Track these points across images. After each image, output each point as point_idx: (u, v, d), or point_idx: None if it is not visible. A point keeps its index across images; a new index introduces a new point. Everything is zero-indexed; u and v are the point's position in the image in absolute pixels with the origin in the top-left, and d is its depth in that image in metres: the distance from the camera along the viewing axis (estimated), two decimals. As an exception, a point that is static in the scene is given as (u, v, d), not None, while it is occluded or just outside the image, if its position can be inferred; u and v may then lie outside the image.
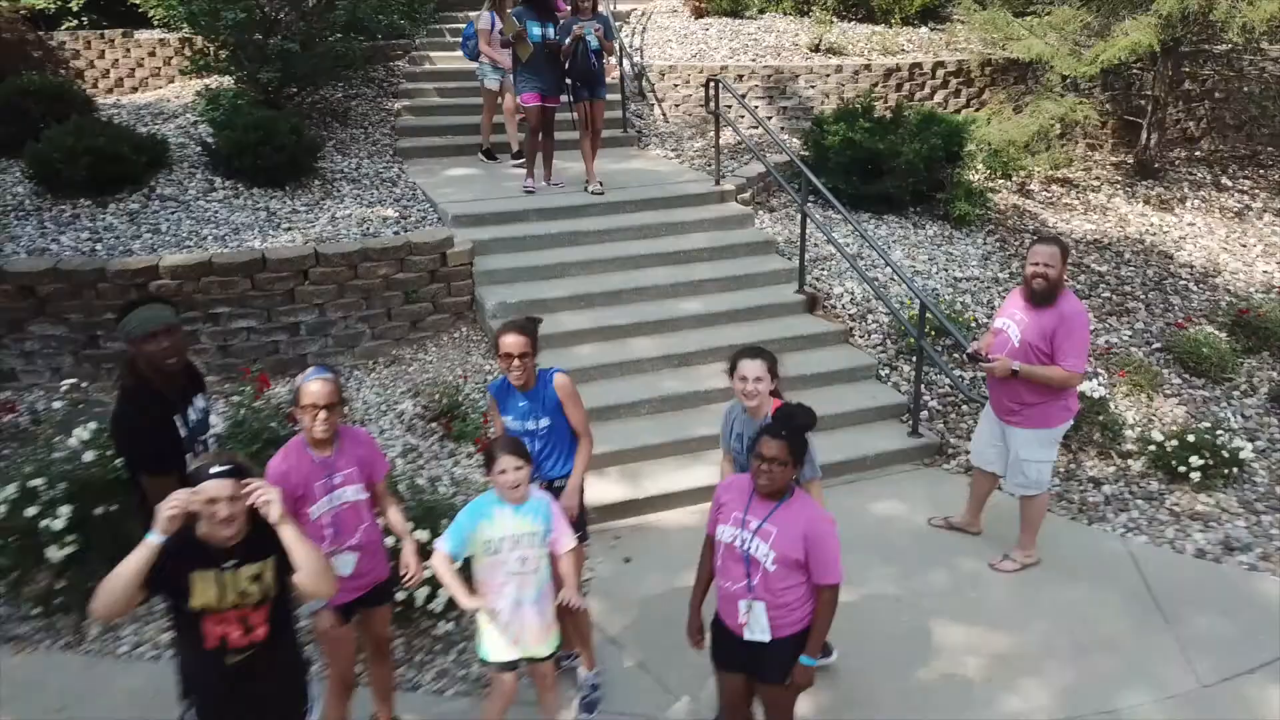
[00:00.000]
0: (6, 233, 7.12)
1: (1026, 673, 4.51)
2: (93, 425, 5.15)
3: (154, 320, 3.56)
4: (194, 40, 10.93)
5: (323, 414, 3.51)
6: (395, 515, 3.93)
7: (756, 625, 3.39)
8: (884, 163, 8.83)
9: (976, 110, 10.96)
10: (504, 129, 9.61)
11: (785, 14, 12.73)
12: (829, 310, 7.50)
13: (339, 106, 10.38)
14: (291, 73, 9.25)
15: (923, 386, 6.54)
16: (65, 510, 4.69)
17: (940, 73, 11.06)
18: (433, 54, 11.39)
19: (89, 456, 4.97)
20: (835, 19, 12.22)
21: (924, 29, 12.40)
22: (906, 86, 10.91)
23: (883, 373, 6.96)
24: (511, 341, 3.96)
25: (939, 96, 11.05)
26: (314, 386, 3.53)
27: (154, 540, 2.77)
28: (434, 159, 9.52)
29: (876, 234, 8.59)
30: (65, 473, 4.89)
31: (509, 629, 3.65)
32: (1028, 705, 4.32)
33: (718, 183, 8.67)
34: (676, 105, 11.03)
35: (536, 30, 8.01)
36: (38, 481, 4.81)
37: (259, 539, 2.98)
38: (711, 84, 8.73)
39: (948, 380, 6.90)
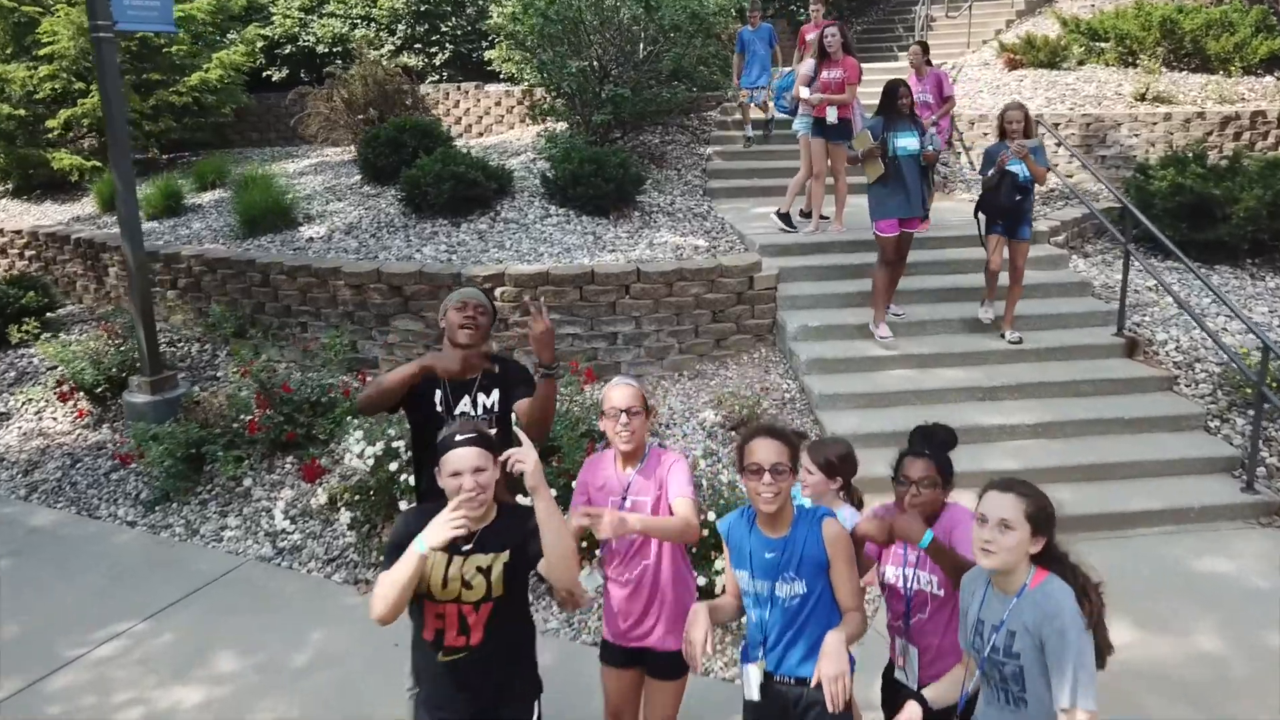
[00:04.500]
0: (380, 243, 8.33)
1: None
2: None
3: (466, 294, 3.71)
4: (533, 92, 12.24)
5: (623, 418, 3.22)
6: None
7: (910, 669, 3.18)
8: (1218, 209, 8.25)
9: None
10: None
11: (1108, 65, 12.23)
12: (1150, 356, 7.09)
13: (656, 150, 11.18)
14: (620, 116, 10.12)
15: (1261, 440, 6.02)
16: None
17: (1289, 122, 10.16)
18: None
19: (444, 424, 5.70)
20: (1164, 69, 11.59)
21: (1268, 78, 11.45)
22: (1247, 136, 10.11)
23: (1212, 424, 6.46)
24: (764, 448, 2.87)
25: (1286, 147, 10.15)
26: (617, 392, 3.27)
27: (422, 551, 2.62)
28: (741, 199, 10.00)
29: (1203, 284, 8.00)
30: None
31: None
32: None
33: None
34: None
35: (903, 144, 6.67)
36: (399, 443, 5.56)
37: (501, 531, 2.79)
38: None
39: (1291, 437, 6.30)
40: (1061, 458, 6.09)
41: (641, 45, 10.53)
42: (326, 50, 13.88)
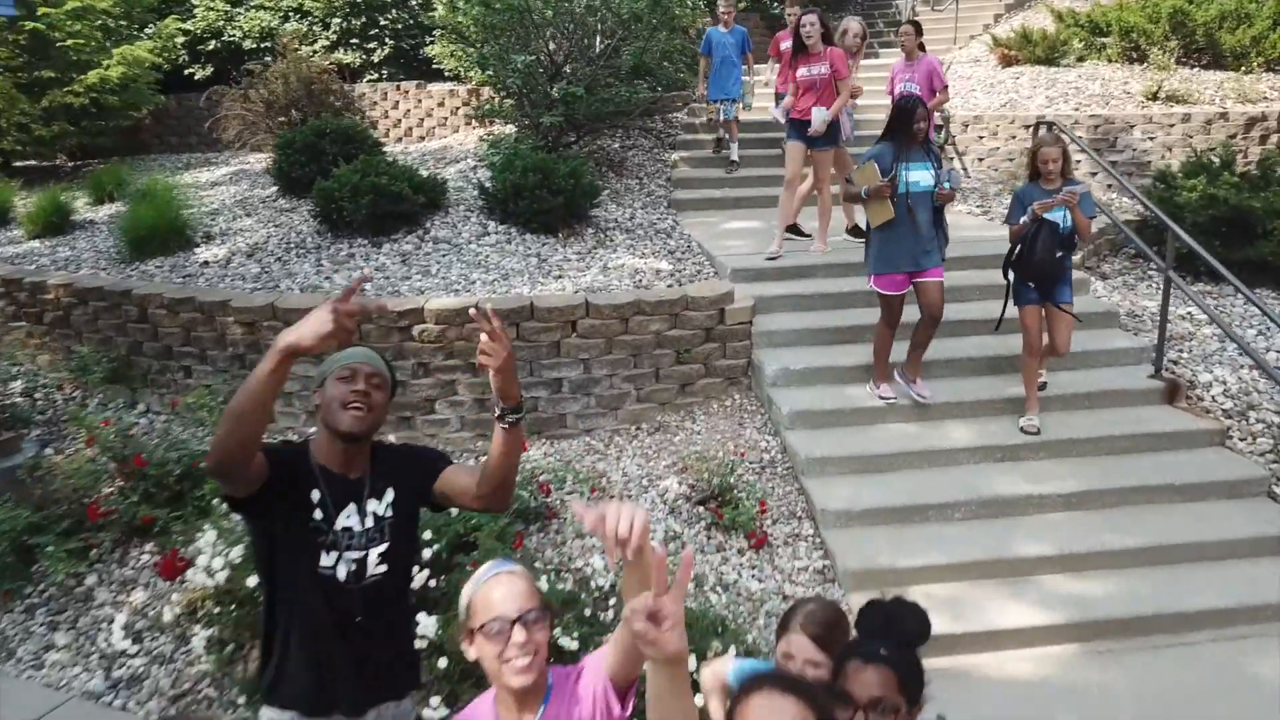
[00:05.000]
0: (286, 268, 7.07)
1: None
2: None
3: (355, 357, 2.53)
4: (480, 92, 11.02)
5: (517, 633, 1.98)
6: None
7: None
8: (1257, 224, 7.18)
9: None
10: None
11: (1110, 61, 11.17)
12: (1194, 402, 5.97)
13: (615, 156, 9.99)
14: (574, 117, 8.91)
15: (1343, 514, 4.92)
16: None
17: (1319, 123, 9.11)
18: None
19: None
20: (1175, 65, 10.53)
21: (1289, 75, 10.43)
22: (1274, 139, 9.06)
23: (1278, 489, 5.34)
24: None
25: (1317, 151, 9.09)
26: (500, 590, 2.03)
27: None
28: (710, 211, 8.84)
29: (1248, 311, 6.93)
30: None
31: None
32: None
33: (1042, 243, 7.36)
34: (981, 159, 9.79)
35: (916, 178, 5.34)
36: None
37: None
38: (1042, 128, 7.44)
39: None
40: (1102, 538, 4.94)
41: (599, 38, 9.34)
42: (254, 46, 12.57)
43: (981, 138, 9.83)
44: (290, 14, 12.65)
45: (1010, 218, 5.46)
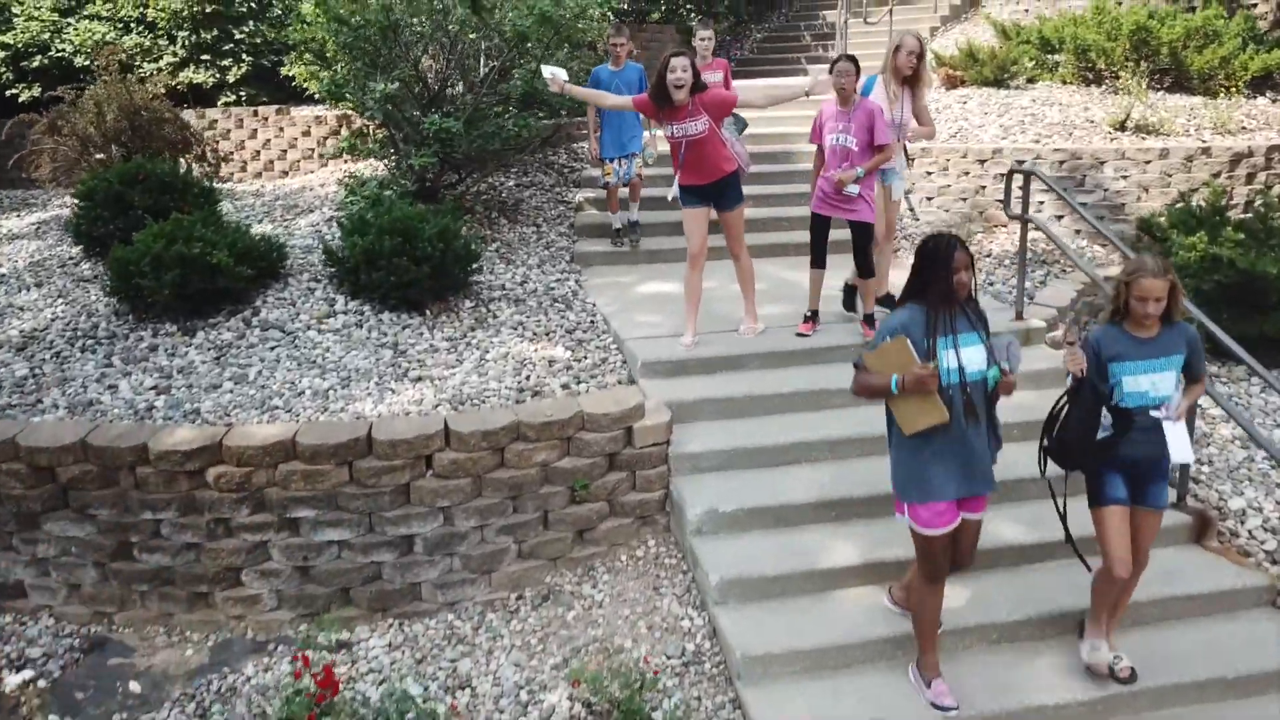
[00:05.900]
0: (64, 370, 5.38)
1: None
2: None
3: None
4: (352, 119, 9.39)
5: None
6: None
7: None
8: (1272, 292, 6.00)
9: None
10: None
11: (1065, 83, 10.05)
12: (1227, 541, 4.70)
13: (509, 198, 8.46)
14: (452, 156, 7.36)
15: None
16: None
17: (1311, 159, 8.04)
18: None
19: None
20: (1146, 91, 9.42)
21: (1260, 100, 9.41)
22: (1262, 176, 7.95)
23: (1357, 675, 4.08)
24: None
25: (1308, 191, 8.02)
26: None
27: None
28: (621, 267, 7.39)
29: (1268, 402, 5.72)
30: None
31: None
32: None
33: (1019, 316, 6.07)
34: (929, 198, 8.51)
35: (967, 359, 3.50)
36: None
37: None
38: (1016, 178, 6.12)
39: None
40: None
41: (482, 59, 7.80)
42: (88, 61, 10.70)
43: (930, 174, 8.56)
44: (132, 25, 10.82)
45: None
